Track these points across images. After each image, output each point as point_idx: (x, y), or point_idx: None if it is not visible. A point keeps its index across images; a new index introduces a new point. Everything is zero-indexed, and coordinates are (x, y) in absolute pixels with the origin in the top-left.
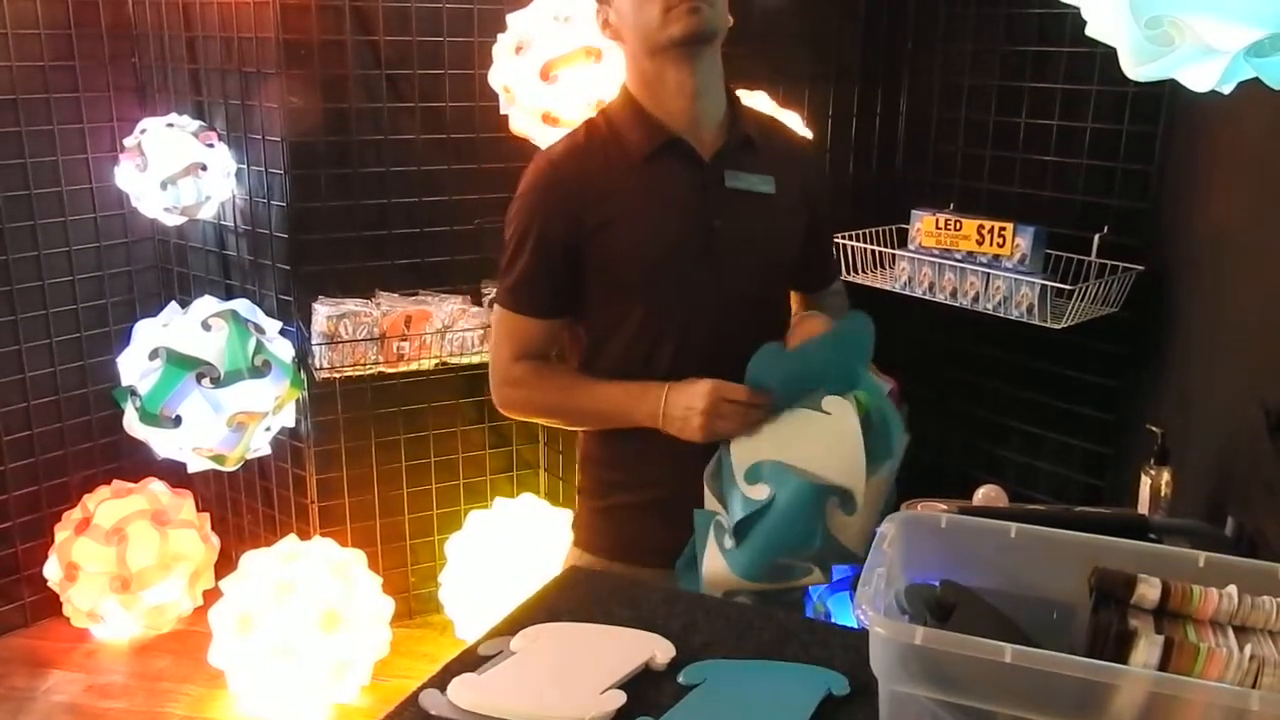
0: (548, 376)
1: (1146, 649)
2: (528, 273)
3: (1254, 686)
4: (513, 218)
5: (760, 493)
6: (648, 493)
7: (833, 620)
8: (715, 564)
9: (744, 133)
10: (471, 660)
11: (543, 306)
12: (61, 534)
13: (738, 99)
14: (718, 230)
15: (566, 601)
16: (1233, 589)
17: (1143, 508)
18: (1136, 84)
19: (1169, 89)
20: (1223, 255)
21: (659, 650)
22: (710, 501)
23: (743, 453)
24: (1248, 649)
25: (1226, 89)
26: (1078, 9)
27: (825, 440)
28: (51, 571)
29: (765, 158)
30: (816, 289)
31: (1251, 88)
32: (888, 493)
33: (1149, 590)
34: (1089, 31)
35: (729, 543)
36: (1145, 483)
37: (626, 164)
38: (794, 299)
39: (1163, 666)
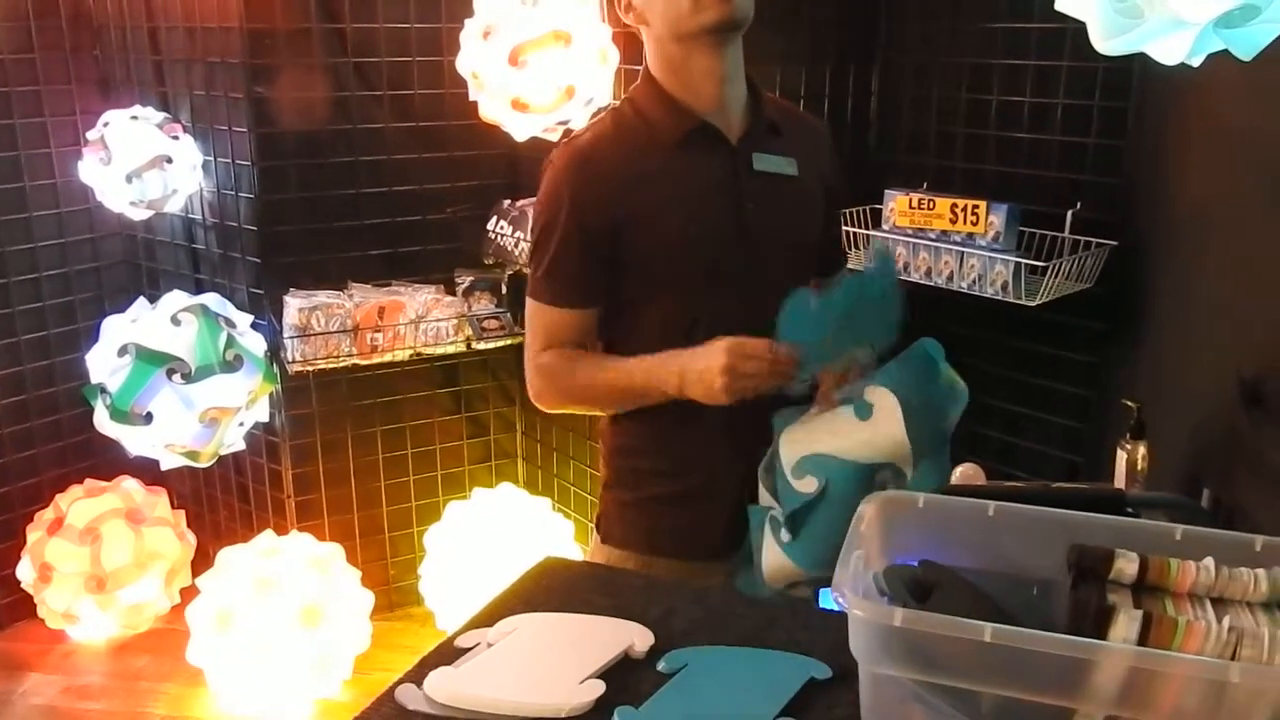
0: (577, 361)
1: (1126, 624)
2: (560, 264)
3: (1233, 658)
4: (541, 211)
5: (809, 485)
6: (682, 482)
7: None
8: (775, 558)
9: (768, 117)
10: (449, 653)
11: (576, 297)
12: (34, 535)
13: (756, 84)
14: (749, 213)
15: (544, 592)
16: (1210, 561)
17: (1119, 482)
18: (1107, 59)
19: (1139, 63)
20: (1195, 229)
21: (637, 638)
22: (764, 497)
23: (790, 449)
24: (1226, 621)
25: (1196, 61)
26: None
27: (869, 430)
28: (25, 573)
29: (787, 141)
30: (830, 274)
31: (1221, 60)
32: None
33: (1127, 565)
34: (1059, 6)
35: (785, 536)
36: (1121, 457)
37: (658, 150)
38: None
39: (1142, 641)
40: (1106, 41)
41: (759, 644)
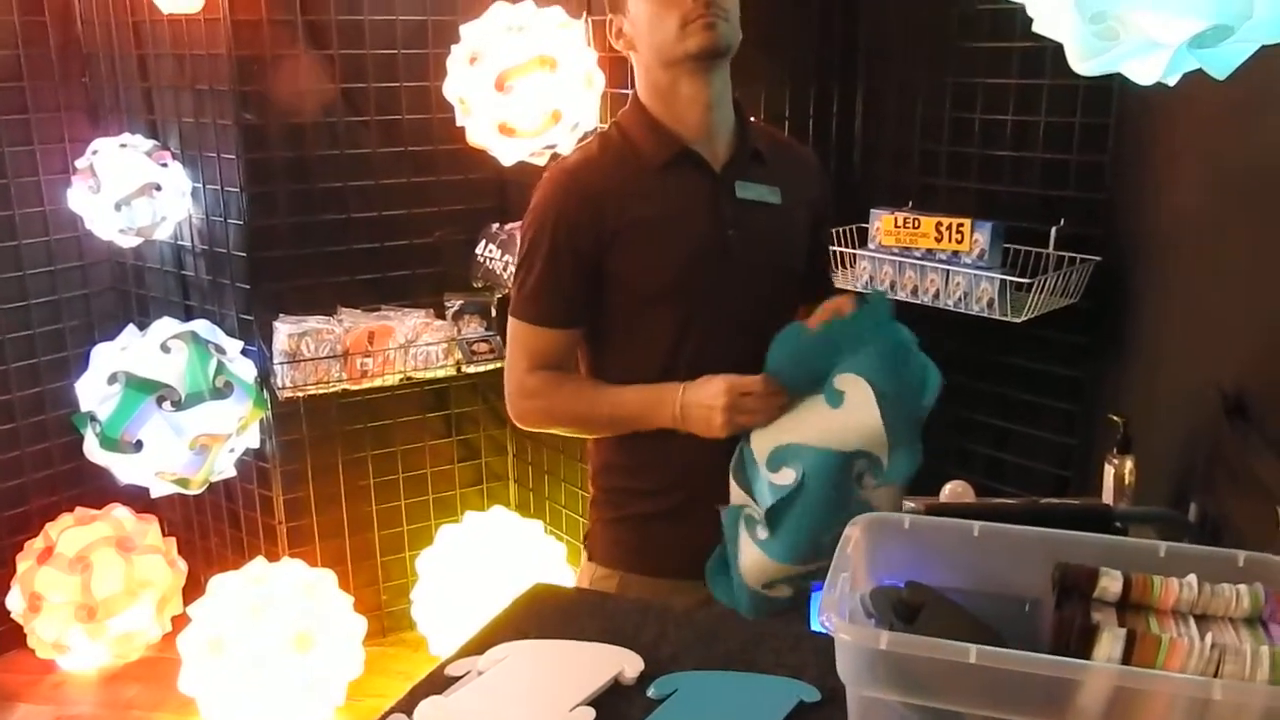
0: (564, 385)
1: (1110, 642)
2: (545, 283)
3: (1216, 675)
4: (527, 229)
5: (787, 477)
6: (668, 499)
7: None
8: (751, 556)
9: (753, 145)
10: (439, 682)
11: (560, 317)
12: (24, 564)
13: (745, 112)
14: (732, 239)
15: (534, 618)
16: (1192, 578)
17: (1107, 497)
18: (1088, 77)
19: (1118, 81)
20: (1177, 243)
21: (627, 664)
22: (736, 495)
23: (762, 441)
24: (1209, 637)
25: (1172, 81)
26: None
27: (842, 417)
28: (14, 603)
29: (772, 170)
30: (820, 300)
31: (1198, 78)
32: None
33: (1111, 583)
34: (1036, 28)
35: (762, 533)
36: (1109, 472)
37: (642, 174)
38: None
39: (1126, 659)
40: (1083, 63)
41: (748, 666)
